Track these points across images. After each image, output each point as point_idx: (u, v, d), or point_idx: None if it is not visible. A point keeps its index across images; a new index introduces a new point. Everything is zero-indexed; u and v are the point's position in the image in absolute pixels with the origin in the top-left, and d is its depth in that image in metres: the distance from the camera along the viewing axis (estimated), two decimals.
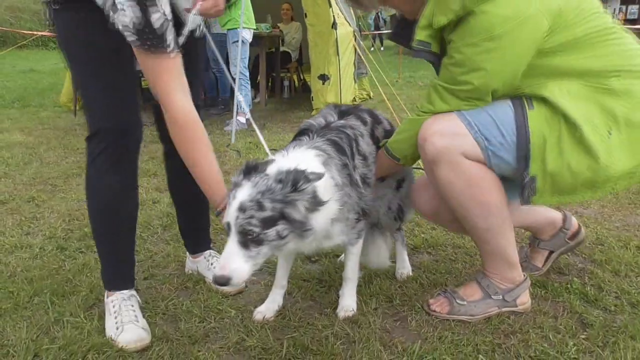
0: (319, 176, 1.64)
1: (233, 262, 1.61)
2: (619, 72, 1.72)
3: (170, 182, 2.34)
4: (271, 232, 1.62)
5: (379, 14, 27.20)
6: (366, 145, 2.02)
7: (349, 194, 1.83)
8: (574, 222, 2.34)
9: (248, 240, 1.61)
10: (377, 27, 26.28)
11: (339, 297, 2.07)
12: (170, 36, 1.72)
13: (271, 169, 1.69)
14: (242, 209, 1.60)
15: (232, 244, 1.63)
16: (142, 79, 1.86)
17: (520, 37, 1.67)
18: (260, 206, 1.60)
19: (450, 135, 1.78)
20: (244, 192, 1.63)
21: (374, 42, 24.11)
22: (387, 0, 1.98)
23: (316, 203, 1.66)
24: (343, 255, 2.23)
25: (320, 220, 1.71)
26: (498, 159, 1.77)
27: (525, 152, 1.73)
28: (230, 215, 1.62)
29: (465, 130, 1.77)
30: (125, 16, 1.64)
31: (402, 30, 2.05)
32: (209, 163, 1.84)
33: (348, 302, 2.04)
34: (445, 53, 1.81)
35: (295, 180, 1.62)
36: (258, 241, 1.62)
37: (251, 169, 1.71)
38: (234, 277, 1.60)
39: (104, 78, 1.82)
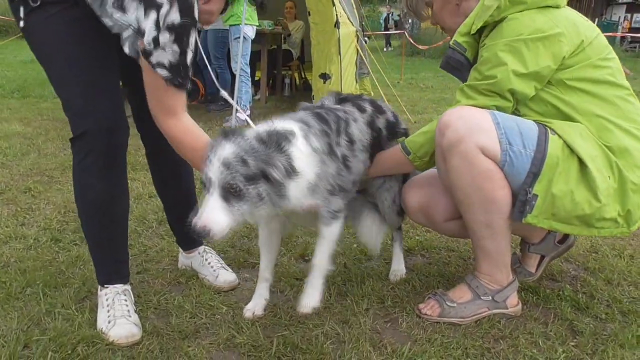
0: (292, 132, 1.69)
1: (214, 214, 1.60)
2: (620, 127, 1.85)
3: (156, 182, 2.31)
4: (253, 190, 1.61)
5: (390, 15, 27.34)
6: (358, 131, 1.97)
7: (325, 162, 1.80)
8: None
9: (230, 195, 1.60)
10: (385, 28, 26.34)
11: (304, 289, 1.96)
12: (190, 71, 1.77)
13: (250, 133, 1.71)
14: (226, 164, 1.59)
15: (214, 197, 1.61)
16: None
17: (541, 48, 1.81)
18: (244, 162, 1.60)
19: (475, 126, 1.80)
20: (227, 150, 1.62)
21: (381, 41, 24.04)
22: (435, 16, 2.16)
23: (292, 169, 1.66)
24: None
25: (296, 188, 1.69)
26: (511, 167, 1.79)
27: (537, 169, 1.77)
28: (213, 170, 1.60)
29: (492, 127, 1.80)
30: (164, 56, 1.65)
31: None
32: None
33: (309, 296, 1.91)
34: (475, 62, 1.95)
35: (279, 140, 1.64)
36: (239, 197, 1.61)
37: (229, 133, 1.70)
38: (214, 229, 1.58)
39: (87, 77, 1.77)
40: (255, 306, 2.03)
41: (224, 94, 2.29)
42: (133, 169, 3.92)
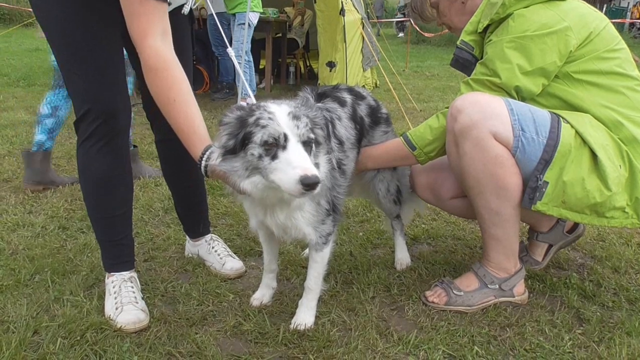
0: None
1: (311, 164, 1.46)
2: (629, 118, 1.84)
3: (165, 171, 2.32)
4: (314, 146, 1.55)
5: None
6: (344, 129, 1.95)
7: (327, 174, 1.74)
8: None
9: (308, 148, 1.51)
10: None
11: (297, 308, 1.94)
12: None
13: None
14: (297, 117, 1.51)
15: (300, 149, 1.48)
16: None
17: (548, 44, 1.81)
18: (307, 117, 1.55)
19: (488, 111, 1.80)
20: (284, 107, 1.53)
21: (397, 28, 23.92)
22: (442, 17, 2.18)
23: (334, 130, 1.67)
24: (307, 250, 2.21)
25: (324, 162, 1.66)
26: (523, 153, 1.79)
27: (549, 156, 1.76)
28: (284, 125, 1.49)
29: (506, 113, 1.79)
30: None
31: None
32: (184, 109, 1.68)
33: (304, 315, 1.89)
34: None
35: (314, 105, 1.64)
36: (310, 150, 1.52)
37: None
38: (321, 177, 1.45)
39: (89, 64, 1.78)
40: (263, 295, 2.04)
41: (244, 82, 2.27)
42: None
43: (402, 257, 2.36)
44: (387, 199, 2.24)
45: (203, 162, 1.64)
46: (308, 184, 1.41)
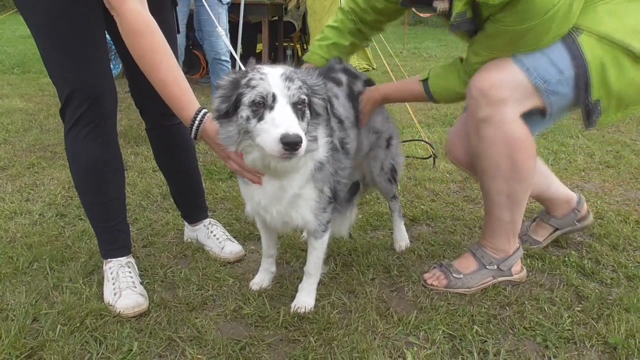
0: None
1: (296, 124, 1.41)
2: None
3: (157, 157, 2.29)
4: (307, 112, 1.51)
5: None
6: (342, 108, 1.91)
7: (328, 159, 1.71)
8: (585, 206, 2.35)
9: (298, 110, 1.46)
10: None
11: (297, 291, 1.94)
12: None
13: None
14: (290, 78, 1.46)
15: (288, 109, 1.43)
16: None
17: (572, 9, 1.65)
18: (303, 82, 1.51)
19: (509, 87, 1.72)
20: (278, 69, 1.49)
21: None
22: None
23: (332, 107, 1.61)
24: (306, 232, 2.20)
25: (323, 137, 1.62)
26: (556, 95, 1.74)
27: (585, 80, 1.71)
28: (275, 84, 1.45)
29: (523, 76, 1.72)
30: None
31: None
32: (172, 72, 1.66)
33: (304, 298, 1.89)
34: (478, 17, 1.75)
35: (321, 78, 1.59)
36: (302, 114, 1.48)
37: None
38: (304, 140, 1.39)
39: (72, 48, 1.75)
40: (262, 280, 2.03)
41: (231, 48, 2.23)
42: (136, 144, 3.91)
43: (400, 238, 2.36)
44: (382, 177, 2.21)
45: (196, 123, 1.63)
46: (288, 143, 1.36)
